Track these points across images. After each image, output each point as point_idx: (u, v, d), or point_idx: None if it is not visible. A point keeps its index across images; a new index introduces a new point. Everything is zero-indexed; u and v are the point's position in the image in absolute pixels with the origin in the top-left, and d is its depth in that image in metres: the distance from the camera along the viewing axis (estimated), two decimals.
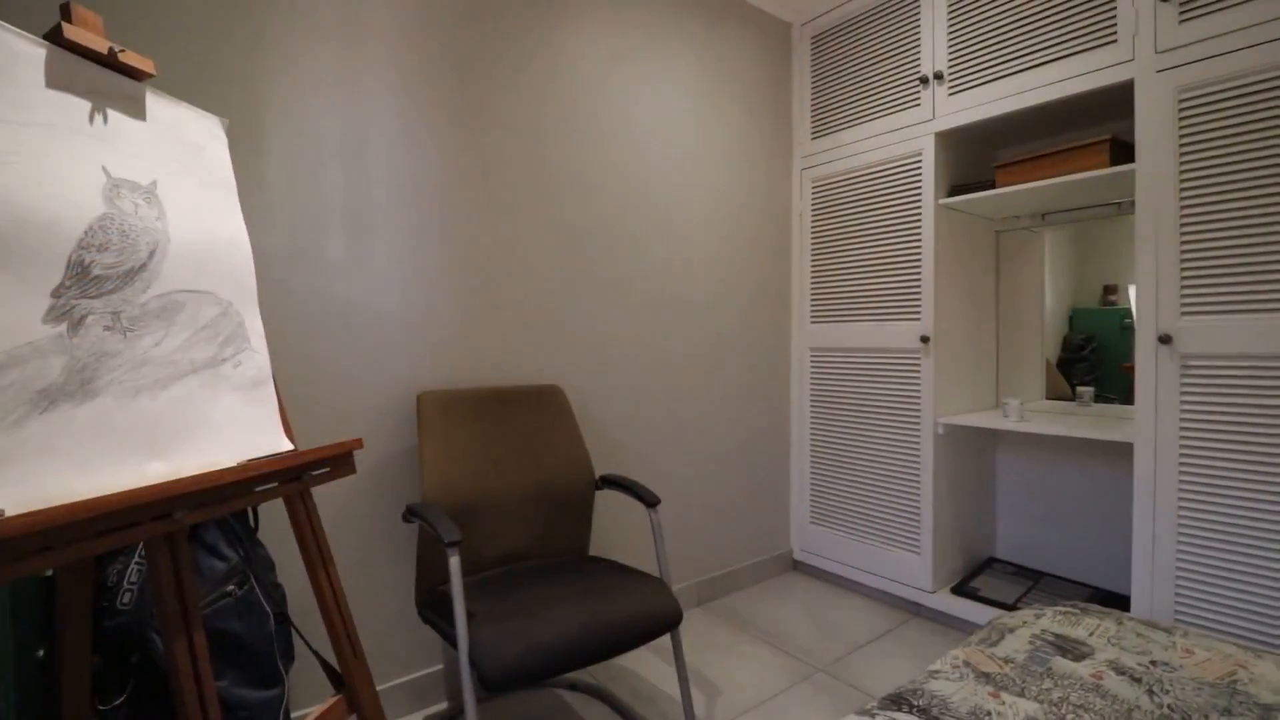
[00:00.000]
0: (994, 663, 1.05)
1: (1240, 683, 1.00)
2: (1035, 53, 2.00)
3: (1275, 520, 1.57)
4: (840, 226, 2.57)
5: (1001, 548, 2.51)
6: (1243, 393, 1.61)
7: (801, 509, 2.71)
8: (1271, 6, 1.58)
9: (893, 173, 2.37)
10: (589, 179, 2.11)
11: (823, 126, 2.64)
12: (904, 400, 2.32)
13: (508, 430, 1.76)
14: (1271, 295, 1.57)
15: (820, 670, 1.94)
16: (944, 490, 2.27)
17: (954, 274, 2.32)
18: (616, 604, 1.37)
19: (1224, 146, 1.65)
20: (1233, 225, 1.63)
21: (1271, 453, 1.57)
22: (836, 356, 2.57)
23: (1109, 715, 0.91)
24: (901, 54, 2.35)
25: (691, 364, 2.40)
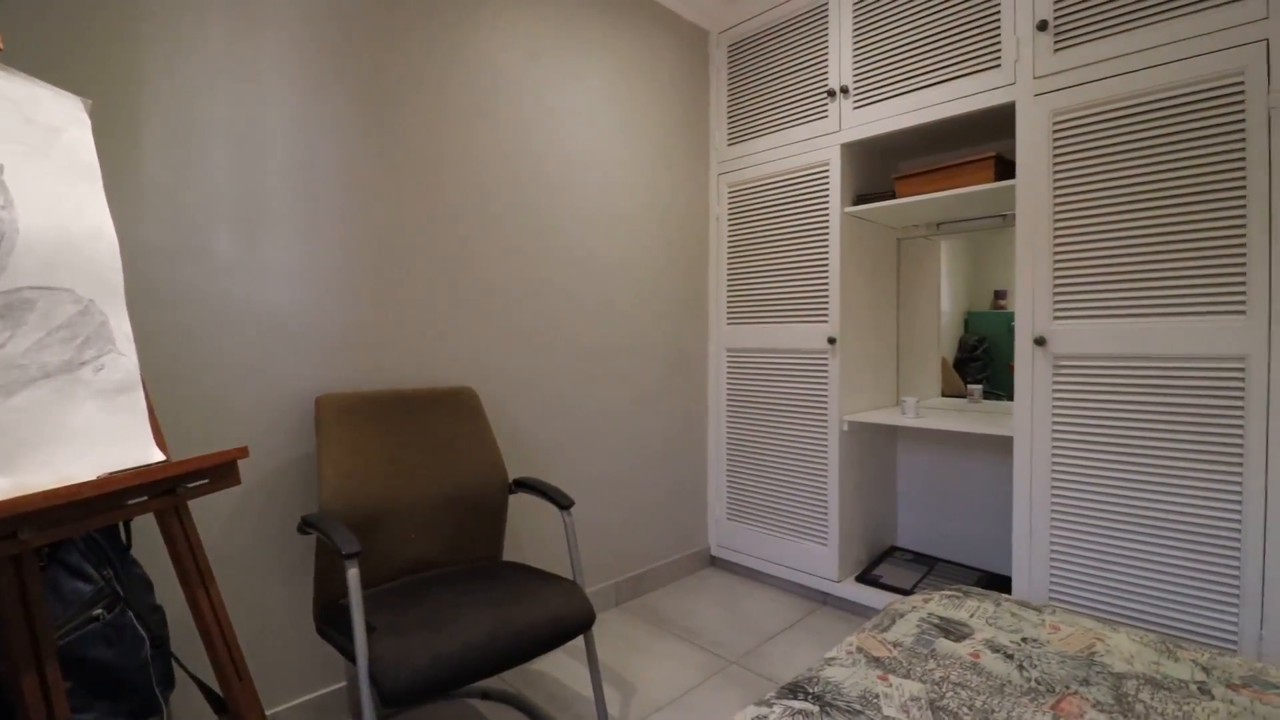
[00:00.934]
0: (884, 647, 1.12)
1: (1098, 654, 1.11)
2: (930, 73, 2.13)
3: (1131, 504, 1.74)
4: (754, 231, 2.64)
5: (902, 536, 2.67)
6: (1105, 389, 1.79)
7: (718, 506, 2.77)
8: (1129, 41, 1.76)
9: (803, 181, 2.47)
10: (504, 175, 2.07)
11: (738, 133, 2.71)
12: (812, 399, 2.42)
13: (416, 434, 1.70)
14: (1128, 303, 1.75)
15: (733, 663, 1.99)
16: (849, 484, 2.39)
17: (859, 278, 2.44)
18: (527, 609, 1.35)
19: (1090, 167, 1.82)
20: (1097, 240, 1.81)
21: (1129, 443, 1.75)
22: (751, 357, 2.65)
23: (984, 691, 0.98)
24: (812, 67, 2.45)
25: (611, 364, 2.41)
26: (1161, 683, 1.01)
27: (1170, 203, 1.70)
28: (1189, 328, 1.66)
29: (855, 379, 2.42)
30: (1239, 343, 1.60)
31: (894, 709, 0.93)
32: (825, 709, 0.92)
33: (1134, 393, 1.74)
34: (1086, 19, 1.83)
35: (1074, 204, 1.85)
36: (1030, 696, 0.97)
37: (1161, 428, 1.70)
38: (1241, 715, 0.93)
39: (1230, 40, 1.62)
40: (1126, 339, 1.75)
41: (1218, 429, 1.63)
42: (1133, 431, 1.74)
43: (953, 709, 0.93)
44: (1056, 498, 1.86)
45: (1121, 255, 1.77)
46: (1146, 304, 1.73)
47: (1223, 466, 1.62)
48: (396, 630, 1.25)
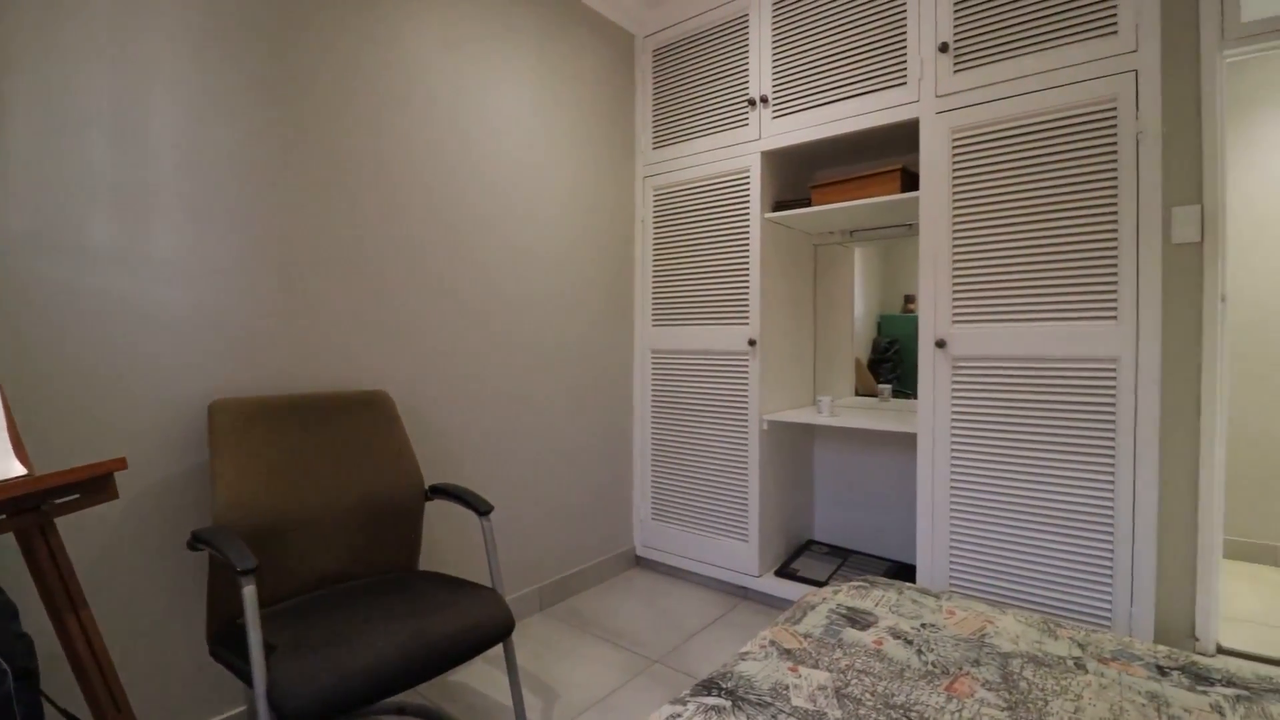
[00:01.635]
0: (796, 639, 1.15)
1: (988, 636, 1.19)
2: (843, 87, 2.23)
3: (1020, 494, 1.88)
4: (679, 234, 2.68)
5: (819, 530, 2.78)
6: (998, 388, 1.92)
7: (643, 506, 2.79)
8: (1019, 66, 1.90)
9: (725, 187, 2.52)
10: (421, 171, 2.00)
11: (663, 137, 2.74)
12: (734, 399, 2.47)
13: (324, 440, 1.61)
14: (1018, 308, 1.89)
15: (657, 661, 2.00)
16: (769, 481, 2.46)
17: (778, 283, 2.52)
18: (441, 620, 1.31)
19: (985, 182, 1.96)
20: (991, 250, 1.94)
21: (1018, 438, 1.89)
22: (675, 358, 2.68)
23: (885, 676, 1.03)
24: (733, 76, 2.51)
25: (536, 366, 2.37)
26: (1043, 660, 1.10)
27: (1054, 217, 1.85)
28: (1069, 332, 1.81)
29: (774, 379, 2.49)
30: (1111, 345, 1.76)
31: (802, 699, 0.96)
32: (737, 703, 0.94)
33: (1022, 391, 1.89)
34: (982, 43, 1.96)
35: (971, 216, 1.98)
36: (927, 679, 1.02)
37: (1046, 423, 1.85)
38: (1110, 686, 1.02)
39: (1105, 70, 1.79)
40: (1016, 341, 1.89)
41: (1094, 423, 1.78)
42: (1021, 427, 1.89)
43: (856, 695, 0.97)
44: (955, 490, 1.99)
45: (1012, 265, 1.91)
46: (1033, 310, 1.87)
47: (1098, 457, 1.78)
48: (298, 648, 1.18)
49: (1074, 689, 1.00)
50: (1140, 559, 1.72)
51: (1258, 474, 2.88)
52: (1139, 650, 1.14)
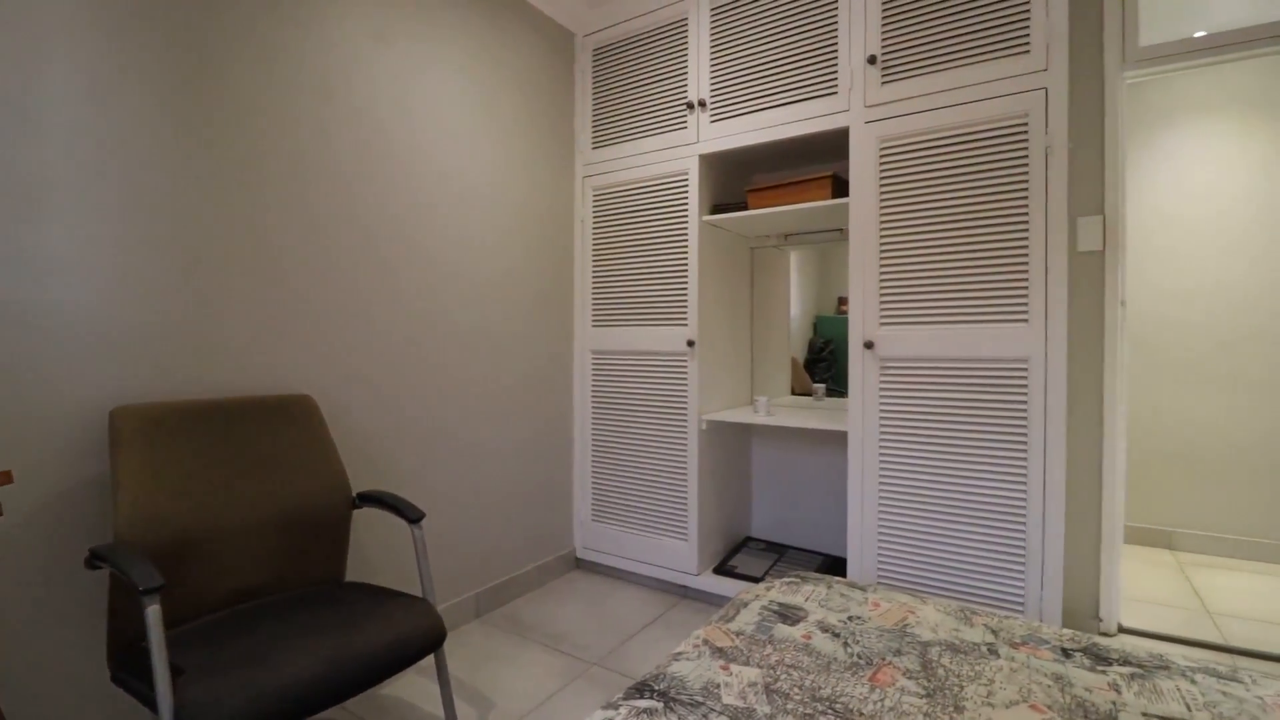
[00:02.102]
0: (728, 637, 1.17)
1: (910, 626, 1.24)
2: (778, 94, 2.28)
3: (942, 488, 1.98)
4: (618, 235, 2.68)
5: (756, 527, 2.83)
6: (921, 387, 2.01)
7: (584, 507, 2.77)
8: (940, 80, 1.99)
9: (664, 188, 2.54)
10: (351, 166, 1.92)
11: (603, 137, 2.73)
12: (673, 399, 2.49)
13: (240, 448, 1.52)
14: (939, 311, 1.98)
15: (595, 664, 2.00)
16: (708, 480, 2.49)
17: (716, 284, 2.55)
18: (368, 633, 1.26)
19: (909, 190, 2.04)
20: (915, 255, 2.03)
21: (939, 434, 1.98)
22: (614, 359, 2.68)
23: (813, 669, 1.06)
24: (673, 78, 2.52)
25: (471, 368, 2.32)
26: (959, 647, 1.15)
27: (972, 225, 1.95)
28: (985, 334, 1.91)
29: (713, 380, 2.52)
30: (1023, 346, 1.87)
31: (733, 696, 0.97)
32: (669, 705, 0.95)
33: (944, 390, 1.98)
34: (908, 57, 2.05)
35: (897, 223, 2.06)
36: (852, 670, 1.06)
37: (966, 420, 1.95)
38: (1020, 670, 1.08)
39: (1018, 87, 1.89)
40: (938, 343, 1.98)
41: (1008, 420, 1.89)
42: (944, 424, 1.98)
43: (785, 690, 0.99)
44: (884, 485, 2.07)
45: (934, 270, 2.00)
46: (953, 312, 1.97)
47: (1012, 452, 1.88)
48: (210, 670, 1.11)
49: (987, 674, 1.06)
50: (1049, 546, 1.83)
51: (1153, 465, 3.12)
52: (1046, 634, 1.21)
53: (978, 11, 1.94)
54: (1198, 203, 3.03)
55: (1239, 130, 2.95)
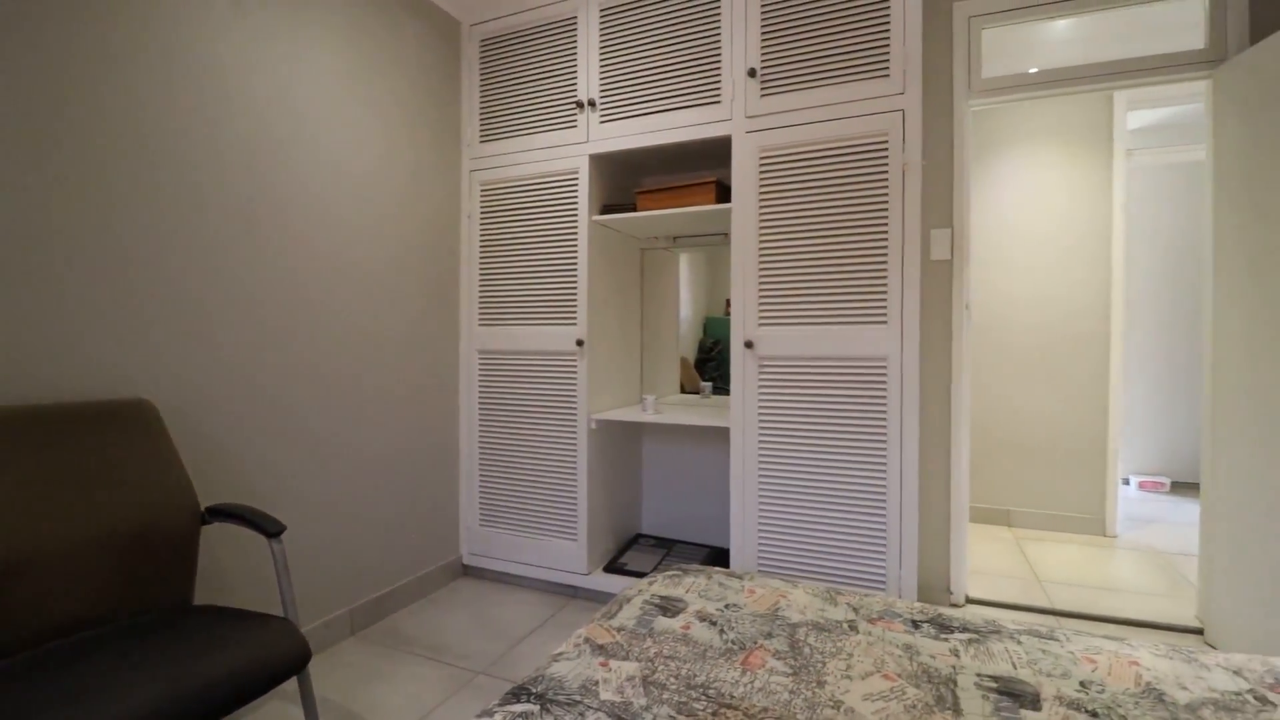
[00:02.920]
0: (609, 634, 1.18)
1: (781, 609, 1.30)
2: (666, 99, 2.33)
3: (814, 478, 2.10)
4: (507, 232, 2.62)
5: (646, 523, 2.88)
6: (796, 385, 2.13)
7: (471, 512, 2.68)
8: (813, 96, 2.11)
9: (553, 186, 2.51)
10: (201, 147, 1.74)
11: (491, 132, 2.67)
12: (562, 399, 2.48)
13: (61, 460, 1.33)
14: (811, 313, 2.11)
15: (481, 673, 1.94)
16: (597, 479, 2.50)
17: (605, 284, 2.56)
18: (215, 659, 1.14)
19: (786, 199, 2.15)
20: (790, 260, 2.14)
21: (812, 428, 2.11)
22: (503, 359, 2.61)
23: (690, 659, 1.09)
24: (562, 76, 2.51)
25: (348, 369, 2.18)
26: (824, 625, 1.23)
27: (841, 233, 2.09)
28: (852, 334, 2.06)
29: (602, 379, 2.53)
30: (883, 346, 2.03)
31: (610, 692, 0.98)
32: (546, 706, 0.94)
33: (816, 387, 2.11)
34: (785, 72, 2.16)
35: (774, 229, 2.17)
36: (726, 656, 1.10)
37: (835, 414, 2.08)
38: (876, 643, 1.17)
39: (879, 107, 2.05)
40: (811, 342, 2.11)
41: (871, 413, 2.04)
42: (816, 418, 2.11)
43: (662, 681, 1.01)
44: (763, 477, 2.17)
45: (808, 274, 2.12)
46: (824, 314, 2.10)
47: (874, 442, 2.04)
48: (16, 716, 0.96)
49: (847, 649, 1.13)
50: (906, 528, 2.00)
51: (993, 451, 3.50)
52: (900, 609, 1.32)
53: (845, 36, 2.09)
54: (1033, 219, 3.44)
55: (1066, 156, 3.39)
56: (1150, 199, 4.32)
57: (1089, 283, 3.34)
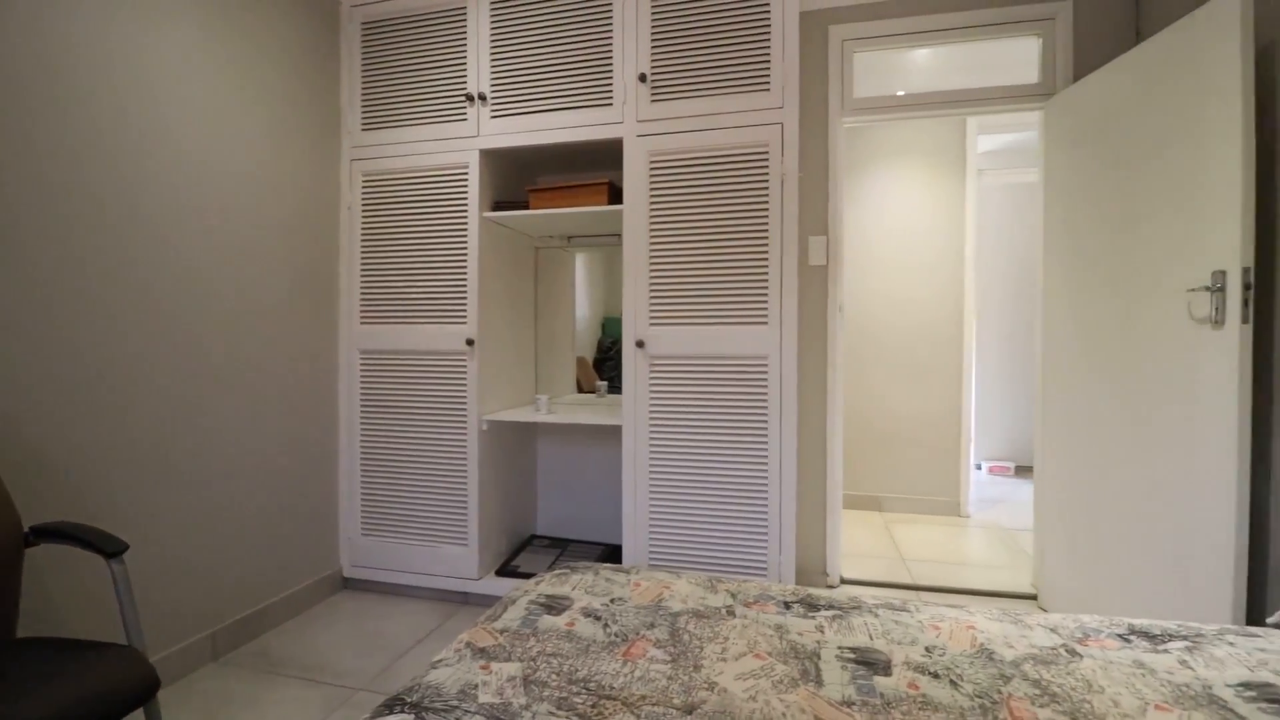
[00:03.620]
0: (492, 636, 1.16)
1: (664, 600, 1.34)
2: (558, 98, 2.32)
3: (703, 472, 2.18)
4: (392, 226, 2.50)
5: (541, 524, 2.86)
6: (685, 382, 2.20)
7: (352, 522, 2.54)
8: (701, 105, 2.19)
9: (442, 180, 2.43)
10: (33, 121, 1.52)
11: (375, 120, 2.54)
12: (451, 400, 2.40)
13: None
14: (699, 313, 2.19)
15: (361, 690, 1.84)
16: (489, 482, 2.45)
17: (497, 282, 2.52)
18: (41, 699, 1.01)
19: (675, 202, 2.22)
20: (680, 262, 2.21)
21: (700, 424, 2.18)
22: (387, 358, 2.50)
23: (572, 655, 1.10)
24: (451, 67, 2.43)
25: (207, 371, 1.99)
26: (704, 613, 1.28)
27: (727, 237, 2.17)
28: (736, 334, 2.16)
29: (494, 379, 2.49)
30: (764, 345, 2.14)
31: (490, 695, 0.97)
32: (421, 715, 0.91)
33: (704, 385, 2.19)
34: (673, 80, 2.22)
35: (664, 231, 2.23)
36: (609, 649, 1.12)
37: (722, 410, 2.17)
38: (751, 625, 1.24)
39: (761, 119, 2.16)
40: (698, 341, 2.18)
41: (754, 409, 2.15)
42: (704, 415, 2.19)
43: (543, 679, 1.02)
44: (654, 473, 2.22)
45: (696, 276, 2.20)
46: (711, 314, 2.18)
47: (757, 436, 2.14)
48: None
49: (724, 633, 1.19)
50: (785, 517, 2.12)
51: (864, 441, 3.79)
52: (774, 592, 1.41)
53: (729, 50, 2.18)
54: (899, 230, 3.76)
55: (927, 174, 3.72)
56: (997, 215, 4.84)
57: (945, 289, 3.69)
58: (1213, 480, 1.68)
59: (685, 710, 0.94)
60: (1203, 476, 1.72)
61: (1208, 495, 1.70)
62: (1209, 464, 1.69)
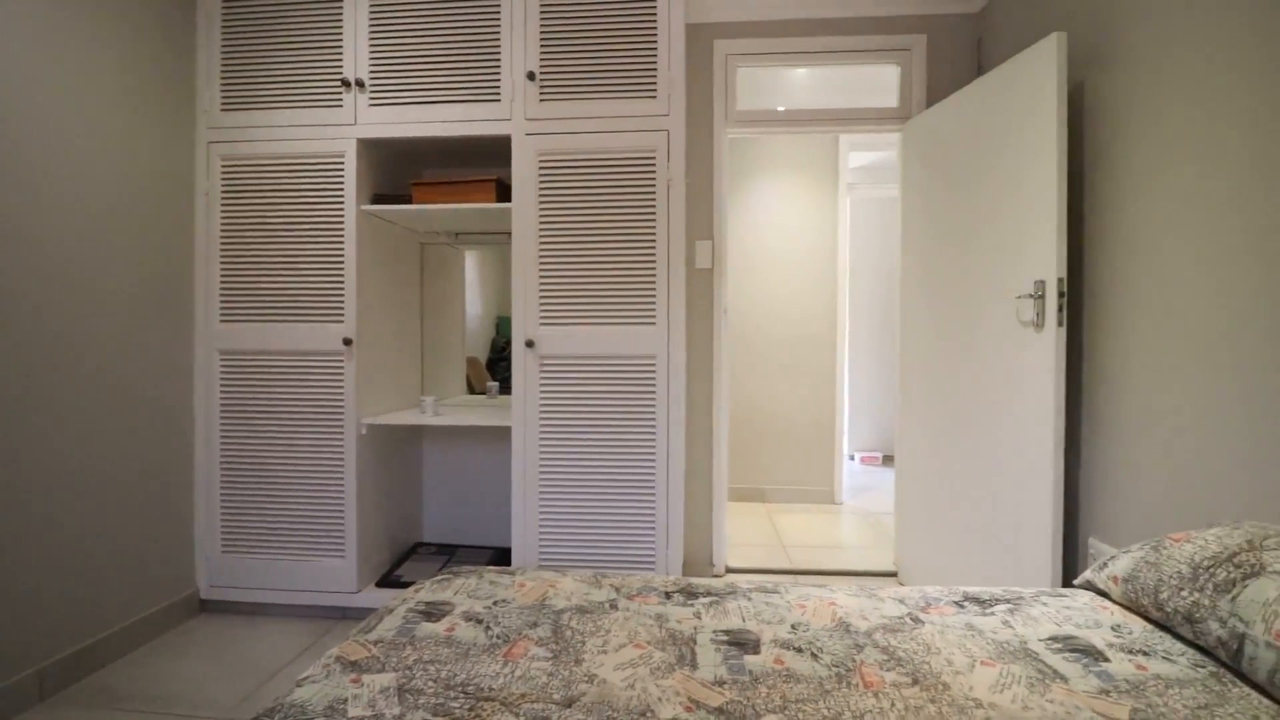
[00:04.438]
0: (365, 649, 1.12)
1: (549, 599, 1.35)
2: (444, 90, 2.25)
3: (593, 470, 2.20)
4: (258, 216, 2.32)
5: (428, 531, 2.76)
6: (575, 382, 2.21)
7: (211, 539, 2.32)
8: (592, 108, 2.20)
9: (316, 169, 2.29)
10: None
11: (237, 100, 2.33)
12: (327, 404, 2.27)
13: None
14: (590, 313, 2.21)
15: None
16: (369, 489, 2.33)
17: (379, 279, 2.40)
18: None
19: (565, 202, 2.22)
20: (570, 261, 2.22)
21: (591, 423, 2.20)
22: (251, 359, 2.31)
23: (451, 660, 1.08)
24: (325, 49, 2.29)
25: (27, 379, 1.74)
26: (587, 608, 1.30)
27: (616, 238, 2.21)
28: (626, 334, 2.20)
29: (375, 381, 2.37)
30: (653, 345, 2.20)
31: (360, 708, 0.93)
32: None
33: (594, 384, 2.21)
34: (562, 81, 2.22)
35: (554, 231, 2.23)
36: (490, 652, 1.11)
37: (610, 409, 2.21)
38: (632, 617, 1.27)
39: (648, 125, 2.21)
40: (588, 341, 2.20)
41: (643, 407, 2.20)
42: (594, 414, 2.21)
43: (419, 687, 0.99)
44: (544, 473, 2.21)
45: (585, 276, 2.22)
46: (600, 315, 2.21)
47: (646, 433, 2.20)
48: None
49: (605, 626, 1.22)
50: (673, 511, 2.19)
51: (747, 436, 3.99)
52: (656, 583, 1.45)
53: (617, 55, 2.22)
54: (780, 237, 3.99)
55: (805, 186, 3.97)
56: (867, 226, 5.26)
57: (821, 294, 3.96)
58: (1036, 464, 1.93)
59: (565, 704, 0.96)
60: (1028, 461, 1.96)
61: (1033, 477, 1.95)
62: (1033, 450, 1.94)
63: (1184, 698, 0.96)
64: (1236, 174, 1.44)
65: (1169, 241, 1.63)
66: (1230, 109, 1.46)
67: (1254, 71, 1.40)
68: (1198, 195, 1.54)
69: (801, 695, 0.98)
